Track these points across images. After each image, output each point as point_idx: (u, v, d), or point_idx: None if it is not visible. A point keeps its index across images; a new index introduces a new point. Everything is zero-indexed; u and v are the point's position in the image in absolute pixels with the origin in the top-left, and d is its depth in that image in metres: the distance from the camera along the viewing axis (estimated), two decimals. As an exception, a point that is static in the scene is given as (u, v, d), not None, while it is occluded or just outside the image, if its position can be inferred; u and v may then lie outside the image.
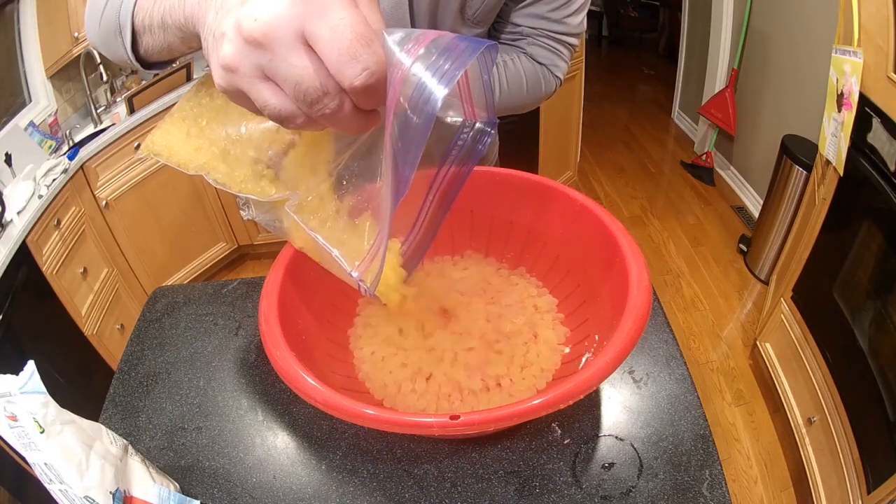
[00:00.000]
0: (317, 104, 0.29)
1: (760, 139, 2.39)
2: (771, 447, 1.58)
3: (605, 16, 4.66)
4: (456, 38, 0.31)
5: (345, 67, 0.28)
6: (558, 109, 2.32)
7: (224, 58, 0.30)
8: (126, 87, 2.09)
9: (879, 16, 1.07)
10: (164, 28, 0.44)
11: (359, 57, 0.28)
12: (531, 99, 0.72)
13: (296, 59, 0.28)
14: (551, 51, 0.71)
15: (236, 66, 0.29)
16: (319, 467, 0.56)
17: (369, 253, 0.40)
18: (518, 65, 0.70)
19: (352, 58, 0.28)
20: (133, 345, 0.72)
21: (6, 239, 1.38)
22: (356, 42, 0.28)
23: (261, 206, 0.49)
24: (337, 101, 0.29)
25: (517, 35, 0.70)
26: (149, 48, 0.50)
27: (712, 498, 0.50)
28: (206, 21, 0.33)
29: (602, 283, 0.56)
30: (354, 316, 0.64)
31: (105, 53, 0.56)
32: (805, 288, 1.47)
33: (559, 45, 0.71)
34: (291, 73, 0.28)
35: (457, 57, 0.30)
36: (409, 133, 0.31)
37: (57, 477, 0.42)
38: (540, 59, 0.71)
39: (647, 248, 2.37)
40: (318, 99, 0.29)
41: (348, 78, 0.28)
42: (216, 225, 2.24)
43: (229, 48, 0.29)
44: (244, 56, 0.29)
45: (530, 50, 0.70)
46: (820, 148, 1.39)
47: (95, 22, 0.54)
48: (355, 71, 0.28)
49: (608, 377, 0.43)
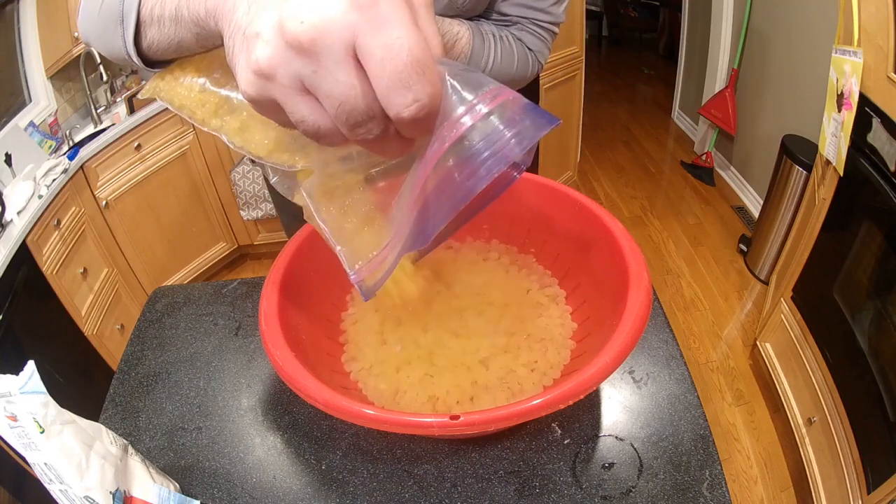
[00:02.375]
0: (359, 128, 0.27)
1: (760, 139, 2.39)
2: (771, 447, 1.58)
3: (605, 16, 4.66)
4: (524, 107, 0.28)
5: (394, 94, 0.25)
6: (558, 109, 2.32)
7: (259, 62, 0.26)
8: (126, 87, 2.09)
9: (879, 16, 1.07)
10: (176, 21, 0.39)
11: (411, 86, 0.25)
12: (517, 77, 0.74)
13: (343, 76, 0.25)
14: (539, 38, 0.74)
15: (272, 73, 0.26)
16: (319, 467, 0.56)
17: (374, 260, 0.39)
18: (511, 44, 0.72)
19: (403, 85, 0.25)
20: (133, 345, 0.72)
21: (6, 239, 1.38)
22: (411, 68, 0.25)
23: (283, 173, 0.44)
24: (381, 128, 0.27)
25: (507, 22, 0.73)
26: (154, 43, 0.43)
27: (712, 498, 0.50)
28: (233, 17, 0.29)
29: (602, 284, 0.56)
30: (355, 316, 0.64)
31: (98, 46, 0.49)
32: (805, 288, 1.47)
33: (546, 32, 0.74)
34: (336, 90, 0.25)
35: (520, 133, 0.27)
36: (447, 192, 0.29)
37: (57, 477, 0.42)
38: (529, 46, 0.73)
39: (647, 248, 2.37)
40: (361, 123, 0.26)
41: (396, 106, 0.25)
42: (216, 225, 2.24)
43: (266, 51, 0.26)
44: (284, 62, 0.25)
45: (520, 36, 0.73)
46: (820, 148, 1.39)
47: (94, 8, 0.48)
48: (405, 101, 0.25)
49: (608, 377, 0.43)
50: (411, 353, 0.57)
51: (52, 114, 1.81)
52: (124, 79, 2.12)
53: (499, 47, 0.70)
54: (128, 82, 2.11)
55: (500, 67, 0.71)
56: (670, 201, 2.68)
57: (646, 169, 2.96)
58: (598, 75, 4.10)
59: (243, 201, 2.16)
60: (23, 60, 1.78)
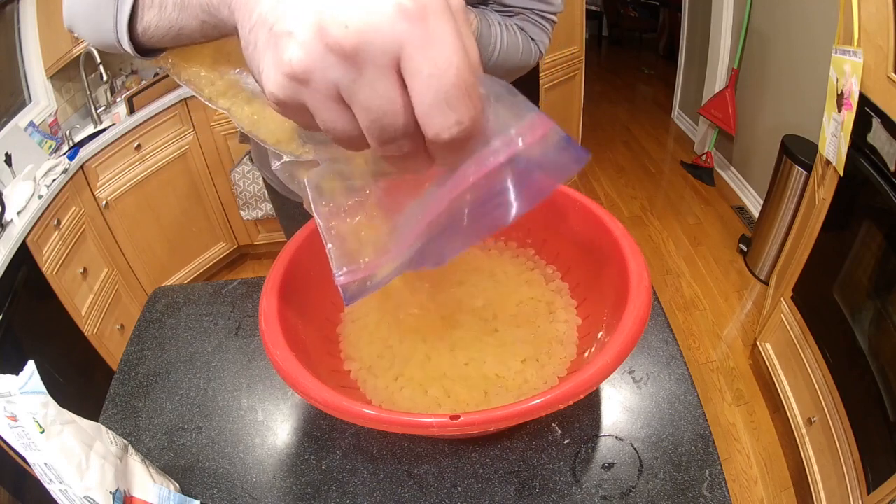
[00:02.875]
0: (391, 143, 0.25)
1: (760, 139, 2.39)
2: (771, 447, 1.58)
3: (605, 16, 4.66)
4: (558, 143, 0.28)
5: (436, 114, 0.24)
6: (558, 109, 2.32)
7: (292, 64, 0.24)
8: (126, 87, 2.09)
9: (879, 16, 1.07)
10: (181, 5, 0.36)
11: (455, 107, 0.24)
12: (521, 65, 0.76)
13: (383, 88, 0.24)
14: (540, 28, 0.75)
15: (307, 78, 0.24)
16: (319, 467, 0.56)
17: (363, 268, 0.37)
18: (515, 33, 0.73)
19: (448, 106, 0.24)
20: (133, 345, 0.72)
21: (6, 239, 1.38)
22: (457, 89, 0.23)
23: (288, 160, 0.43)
24: (413, 146, 0.26)
25: (509, 12, 0.74)
26: (150, 27, 0.39)
27: (712, 498, 0.50)
28: (256, 9, 0.26)
29: (602, 284, 0.56)
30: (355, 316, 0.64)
31: (83, 30, 0.45)
32: (805, 288, 1.47)
33: (547, 22, 0.76)
34: (375, 103, 0.24)
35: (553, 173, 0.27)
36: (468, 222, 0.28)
37: (57, 477, 0.42)
38: (532, 35, 0.75)
39: (647, 248, 2.37)
40: (394, 139, 0.25)
41: (436, 127, 0.24)
42: (216, 225, 2.24)
43: (300, 53, 0.24)
44: (322, 67, 0.24)
45: (522, 26, 0.74)
46: (820, 148, 1.39)
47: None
48: (447, 122, 0.24)
49: (608, 377, 0.43)
50: (411, 353, 0.57)
51: (52, 114, 1.81)
52: (124, 79, 2.12)
53: (504, 35, 0.71)
54: (128, 82, 2.11)
55: (507, 55, 0.72)
56: (670, 201, 2.68)
57: (646, 169, 2.96)
58: (598, 75, 4.10)
59: (243, 201, 2.16)
60: (23, 60, 1.78)
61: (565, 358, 0.56)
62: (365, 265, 0.37)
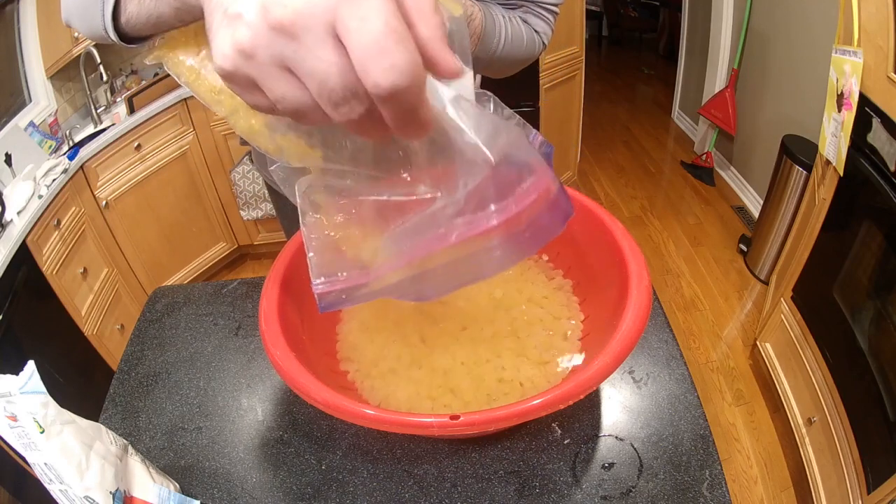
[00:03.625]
0: (342, 106, 0.27)
1: (760, 139, 2.39)
2: (771, 447, 1.58)
3: (605, 16, 4.66)
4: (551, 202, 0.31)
5: (370, 63, 0.25)
6: (558, 109, 2.32)
7: (240, 41, 0.27)
8: (126, 87, 2.09)
9: (879, 16, 1.07)
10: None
11: (388, 52, 0.25)
12: (525, 57, 0.76)
13: (323, 53, 0.25)
14: (543, 20, 0.76)
15: (253, 53, 0.27)
16: (319, 467, 0.56)
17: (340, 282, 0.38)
18: (519, 26, 0.73)
19: (380, 52, 0.25)
20: (133, 345, 0.72)
21: (6, 239, 1.38)
22: (386, 36, 0.24)
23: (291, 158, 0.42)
24: (364, 107, 0.27)
25: (512, 5, 0.74)
26: (132, 18, 0.44)
27: (712, 498, 0.50)
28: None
29: (602, 283, 0.56)
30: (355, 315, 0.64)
31: (79, 25, 0.50)
32: (805, 288, 1.47)
33: (550, 14, 0.76)
34: (318, 67, 0.26)
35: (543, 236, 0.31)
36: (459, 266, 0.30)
37: (57, 477, 0.42)
38: (535, 28, 0.75)
39: (647, 248, 2.37)
40: (344, 100, 0.26)
41: (373, 75, 0.25)
42: (216, 225, 2.24)
43: (246, 32, 0.26)
44: (265, 43, 0.26)
45: (525, 18, 0.75)
46: (820, 148, 1.39)
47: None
48: (381, 67, 0.25)
49: (608, 377, 0.43)
50: (411, 352, 0.57)
51: (52, 114, 1.81)
52: (124, 79, 2.12)
53: (508, 28, 0.71)
54: (128, 82, 2.11)
55: (511, 47, 0.72)
56: (670, 201, 2.68)
57: (646, 169, 2.96)
58: (598, 75, 4.10)
59: (243, 201, 2.16)
60: (23, 60, 1.78)
61: (567, 356, 0.56)
62: (343, 279, 0.37)
